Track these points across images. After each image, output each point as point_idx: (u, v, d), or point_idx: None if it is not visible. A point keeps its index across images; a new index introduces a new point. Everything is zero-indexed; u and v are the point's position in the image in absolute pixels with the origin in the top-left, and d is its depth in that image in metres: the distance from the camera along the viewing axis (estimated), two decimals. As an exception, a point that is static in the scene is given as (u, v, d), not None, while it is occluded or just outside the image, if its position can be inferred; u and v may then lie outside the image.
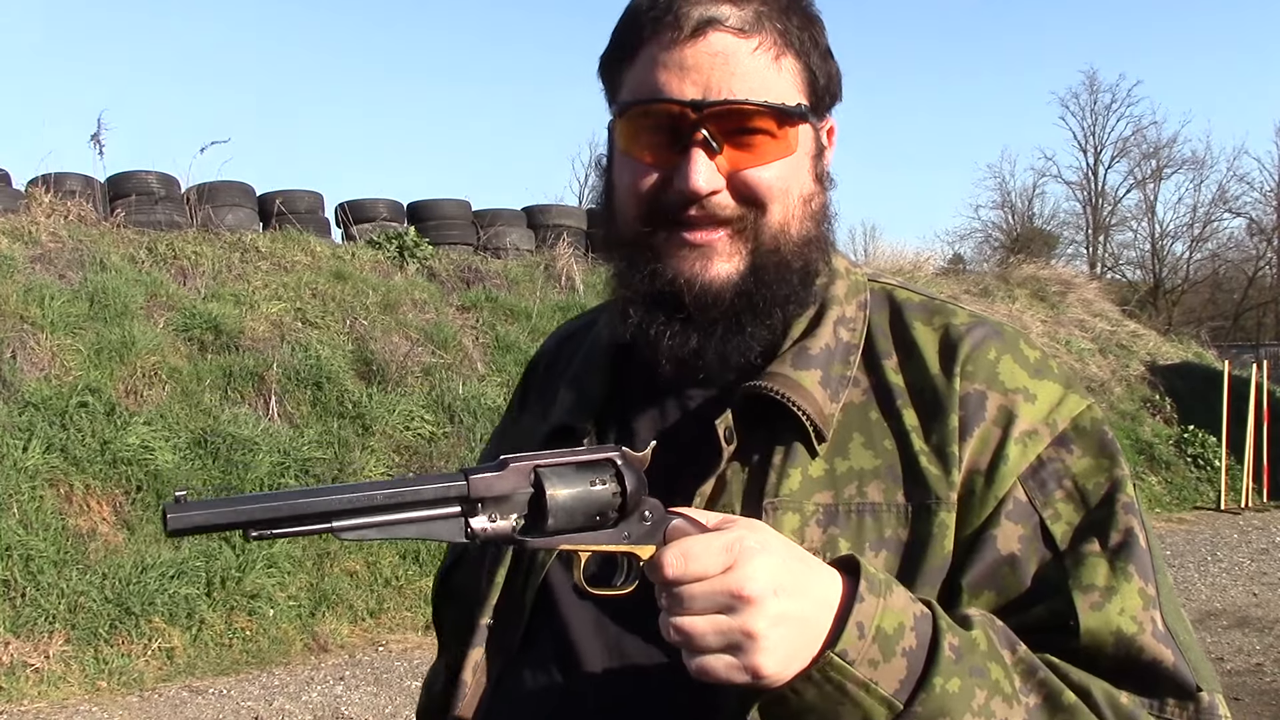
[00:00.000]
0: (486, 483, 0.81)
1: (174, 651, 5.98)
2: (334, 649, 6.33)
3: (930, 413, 0.96)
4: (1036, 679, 0.84)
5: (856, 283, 1.05)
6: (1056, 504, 0.93)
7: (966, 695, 0.80)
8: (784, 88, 0.95)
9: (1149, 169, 34.12)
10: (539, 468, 0.82)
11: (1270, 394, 12.34)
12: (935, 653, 0.80)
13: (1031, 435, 0.94)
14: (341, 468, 7.28)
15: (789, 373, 0.97)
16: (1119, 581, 0.89)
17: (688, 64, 0.93)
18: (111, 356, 7.24)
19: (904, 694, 0.79)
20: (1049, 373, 0.98)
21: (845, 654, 0.78)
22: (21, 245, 7.95)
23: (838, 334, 1.00)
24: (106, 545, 6.29)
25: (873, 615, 0.79)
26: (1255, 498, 11.61)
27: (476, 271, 10.14)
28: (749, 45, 0.94)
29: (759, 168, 0.95)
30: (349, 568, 6.88)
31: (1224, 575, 8.43)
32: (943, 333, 1.00)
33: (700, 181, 0.93)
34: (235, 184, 10.00)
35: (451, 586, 1.18)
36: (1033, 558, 0.91)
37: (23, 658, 5.63)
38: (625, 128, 0.98)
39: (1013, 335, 1.00)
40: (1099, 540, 0.91)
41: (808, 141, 0.98)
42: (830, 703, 0.79)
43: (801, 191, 0.98)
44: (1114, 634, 0.87)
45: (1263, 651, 6.38)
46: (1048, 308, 14.00)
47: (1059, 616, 0.88)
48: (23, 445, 6.43)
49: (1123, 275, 34.01)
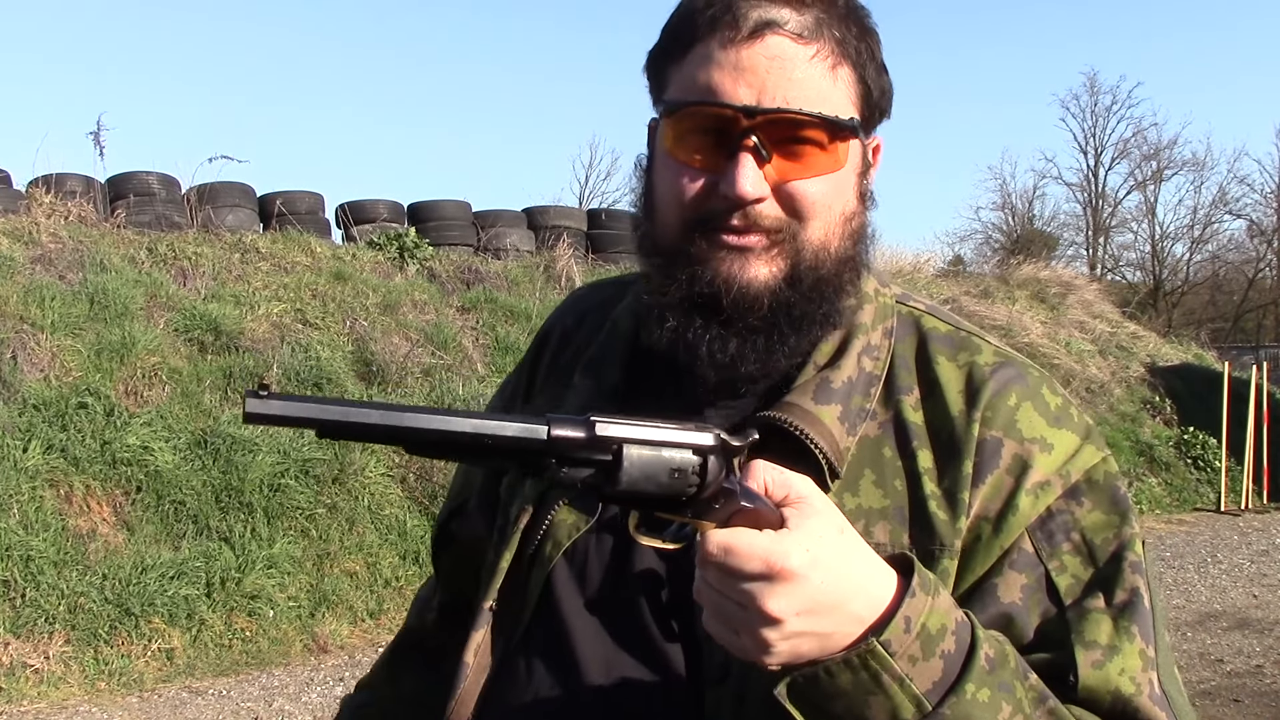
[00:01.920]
0: (569, 443, 0.80)
1: (174, 652, 5.98)
2: (334, 650, 6.33)
3: (945, 456, 0.94)
4: (1046, 707, 0.84)
5: (884, 306, 1.02)
6: (1063, 556, 0.92)
7: (994, 708, 0.80)
8: (838, 99, 0.93)
9: (1149, 171, 34.15)
10: (625, 441, 0.81)
11: (1270, 396, 12.35)
12: (971, 660, 0.80)
13: (1044, 486, 0.93)
14: (342, 469, 7.28)
15: (810, 406, 0.94)
16: (1121, 641, 0.88)
17: (743, 65, 0.90)
18: (111, 357, 7.24)
19: (935, 695, 0.79)
20: (1068, 422, 0.96)
21: (888, 644, 0.78)
22: (22, 246, 7.96)
23: (861, 365, 0.98)
24: (106, 546, 6.29)
25: (920, 612, 0.79)
26: (1255, 499, 11.61)
27: (477, 272, 10.15)
28: (807, 52, 0.91)
29: (805, 180, 0.92)
30: (349, 568, 6.88)
31: (1224, 577, 8.43)
32: (967, 372, 0.97)
33: (748, 187, 0.90)
34: (235, 185, 10.01)
35: (450, 533, 1.19)
36: (1035, 609, 0.90)
37: (22, 658, 5.63)
38: (672, 128, 0.95)
39: (1036, 380, 0.98)
40: (1104, 597, 0.90)
41: (855, 157, 0.96)
42: (862, 691, 0.78)
43: (844, 209, 0.96)
44: (1111, 693, 0.87)
45: (1263, 653, 6.38)
46: (1048, 309, 14.00)
47: (1058, 669, 0.87)
48: (23, 446, 6.43)
49: (1123, 277, 34.05)
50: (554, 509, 1.02)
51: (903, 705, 0.78)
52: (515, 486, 1.08)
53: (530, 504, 1.03)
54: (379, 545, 7.08)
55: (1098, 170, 34.55)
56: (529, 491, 1.04)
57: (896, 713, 0.78)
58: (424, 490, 7.50)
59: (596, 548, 1.01)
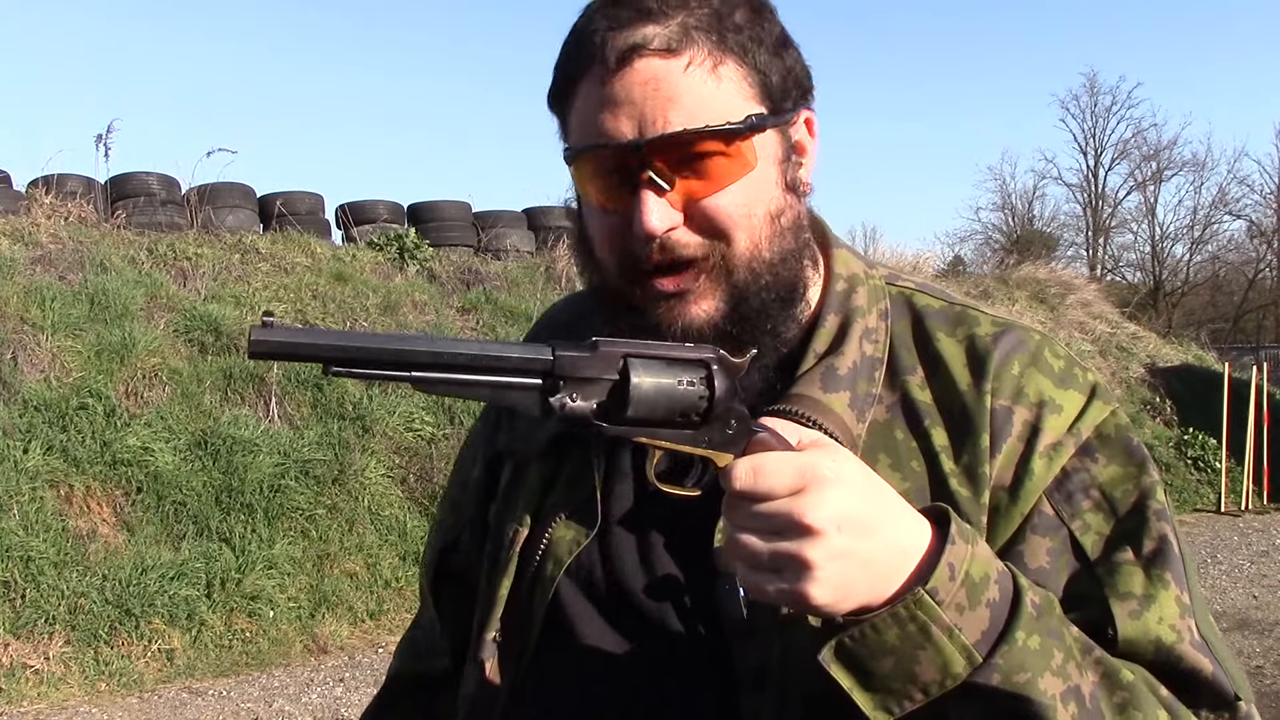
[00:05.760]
0: (573, 361, 0.79)
1: (174, 653, 5.98)
2: (334, 650, 6.33)
3: (960, 432, 0.93)
4: (1094, 656, 0.82)
5: (875, 288, 1.01)
6: (1085, 515, 0.90)
7: (1046, 654, 0.77)
8: (726, 100, 0.89)
9: (1149, 171, 34.16)
10: (629, 355, 0.80)
11: (1270, 396, 12.33)
12: (1018, 607, 0.78)
13: (1056, 448, 0.91)
14: (342, 469, 7.28)
15: (819, 396, 0.93)
16: (1156, 589, 0.86)
17: (620, 99, 0.88)
18: (112, 358, 7.24)
19: (985, 645, 0.76)
20: (1073, 381, 0.95)
21: (935, 593, 0.75)
22: (22, 247, 7.96)
23: (863, 349, 0.96)
24: (106, 547, 6.28)
25: (964, 559, 0.77)
26: (1255, 500, 11.59)
27: (477, 273, 10.14)
28: (679, 64, 0.88)
29: (716, 195, 0.89)
30: (349, 569, 6.88)
31: (1224, 577, 8.42)
32: (969, 345, 0.96)
33: (653, 221, 0.88)
34: (236, 185, 10.01)
35: (449, 568, 1.15)
36: (1063, 570, 0.88)
37: (22, 659, 5.63)
38: (577, 174, 0.94)
39: (1038, 344, 0.97)
40: (1132, 549, 0.88)
41: (770, 149, 0.92)
42: (910, 645, 0.75)
43: (768, 209, 0.92)
44: (1153, 643, 0.85)
45: (1263, 654, 6.38)
46: (1047, 310, 14.00)
47: (1095, 625, 0.85)
48: (23, 447, 6.43)
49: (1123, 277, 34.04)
50: (551, 525, 0.99)
51: (953, 658, 0.76)
52: (504, 513, 1.05)
53: (524, 524, 1.01)
54: (379, 546, 7.08)
55: (1097, 171, 34.60)
56: (522, 511, 1.02)
57: (947, 667, 0.76)
58: (424, 491, 7.50)
59: (601, 560, 0.97)
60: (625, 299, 0.94)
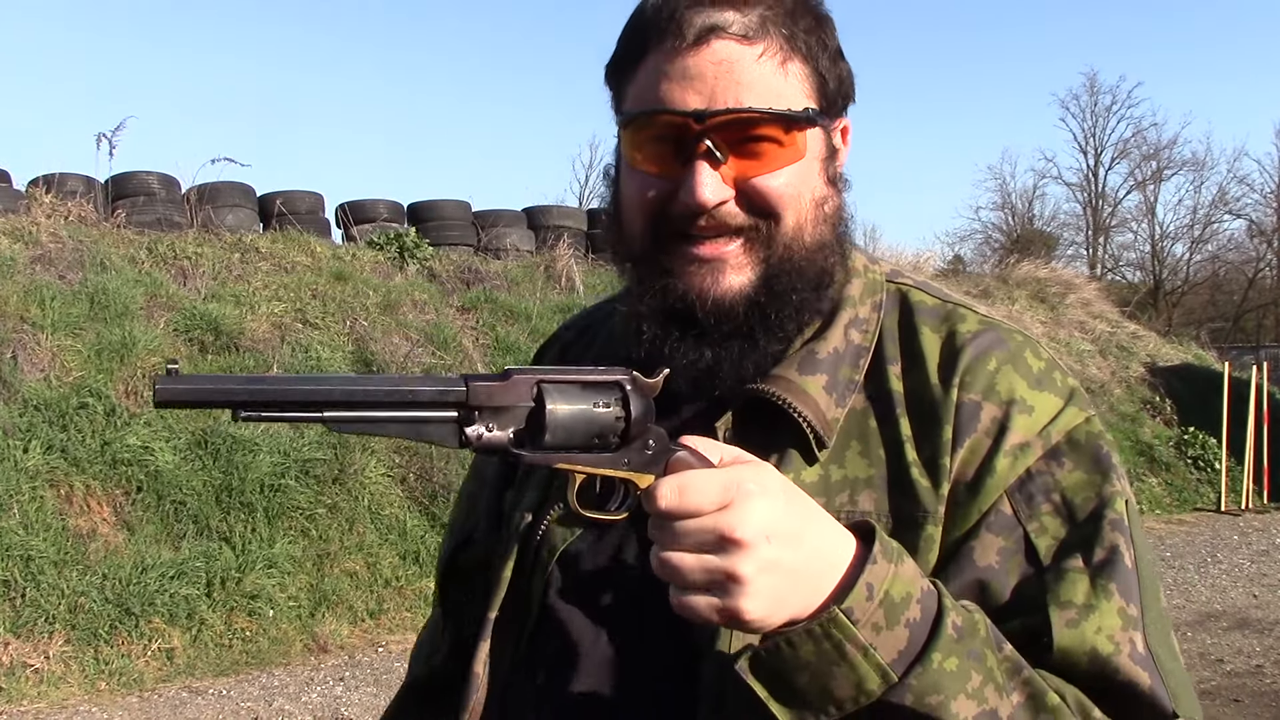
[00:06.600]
0: (487, 391, 0.79)
1: (174, 652, 5.98)
2: (334, 650, 6.33)
3: (925, 423, 0.94)
4: (1021, 677, 0.82)
5: (873, 282, 1.03)
6: (1043, 518, 0.90)
7: (962, 676, 0.78)
8: (791, 93, 0.93)
9: (1149, 170, 34.12)
10: (542, 382, 0.80)
11: (1270, 396, 12.34)
12: (938, 628, 0.78)
13: (1023, 448, 0.92)
14: (342, 468, 7.28)
15: (794, 377, 0.95)
16: (1099, 599, 0.86)
17: (691, 73, 0.92)
18: (112, 357, 7.24)
19: (901, 665, 0.77)
20: (1050, 384, 0.96)
21: (851, 612, 0.76)
22: (22, 246, 7.95)
23: (849, 336, 0.99)
24: (106, 546, 6.29)
25: (883, 579, 0.77)
26: (1255, 499, 11.60)
27: (477, 272, 10.14)
28: (753, 52, 0.92)
29: (767, 175, 0.93)
30: (349, 568, 6.89)
31: (1224, 577, 8.43)
32: (948, 340, 0.97)
33: (706, 194, 0.91)
34: (236, 185, 10.01)
35: (459, 566, 1.16)
36: (1013, 571, 0.89)
37: (23, 658, 5.63)
38: (629, 138, 0.97)
39: (1020, 344, 0.98)
40: (1082, 556, 0.88)
41: (818, 145, 0.97)
42: (825, 662, 0.77)
43: (814, 195, 0.96)
44: (1088, 653, 0.85)
45: (1263, 653, 6.38)
46: (1048, 309, 14.00)
47: (1033, 632, 0.86)
48: (23, 446, 6.43)
49: (1123, 277, 34.03)
50: (548, 514, 1.02)
51: (868, 676, 0.77)
52: (516, 499, 1.08)
53: (530, 511, 1.04)
54: (379, 545, 7.08)
55: (1097, 170, 34.57)
56: (530, 498, 1.05)
57: (862, 684, 0.77)
58: (424, 490, 7.50)
59: (591, 553, 1.00)
60: (654, 263, 0.96)
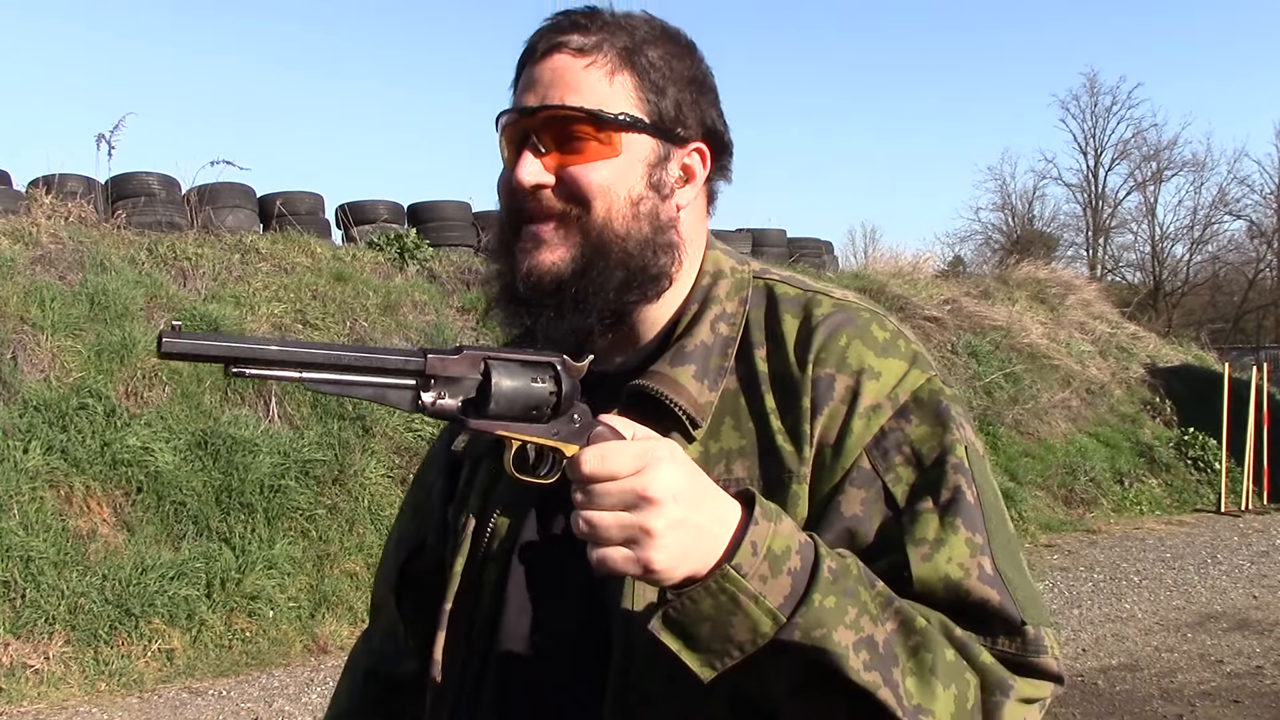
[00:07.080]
0: (442, 363, 0.91)
1: (174, 653, 5.98)
2: (334, 650, 6.33)
3: (787, 396, 1.06)
4: (893, 608, 0.94)
5: (740, 280, 1.15)
6: (897, 469, 1.03)
7: (840, 611, 0.90)
8: (614, 100, 1.07)
9: (1149, 171, 34.14)
10: (489, 358, 0.93)
11: (1270, 397, 12.34)
12: (816, 574, 0.90)
13: (875, 410, 1.04)
14: (342, 469, 7.28)
15: (666, 370, 1.08)
16: (947, 534, 0.99)
17: (533, 79, 1.08)
18: (112, 358, 7.25)
19: (788, 608, 0.89)
20: (894, 351, 1.08)
21: (740, 568, 0.88)
22: (22, 246, 7.95)
23: (716, 329, 1.11)
24: (106, 546, 6.29)
25: (765, 537, 0.90)
26: (1255, 500, 11.60)
27: (477, 273, 10.13)
28: (583, 62, 1.07)
29: (583, 167, 1.06)
30: (349, 569, 6.89)
31: (1224, 578, 8.43)
32: (805, 323, 1.10)
33: (523, 175, 1.06)
34: (236, 185, 10.00)
35: (417, 571, 1.26)
36: (875, 517, 1.01)
37: (22, 659, 5.64)
38: (499, 140, 1.12)
39: (866, 319, 1.10)
40: (931, 498, 1.01)
41: (642, 150, 1.08)
42: (723, 613, 0.89)
43: (630, 193, 1.07)
44: (942, 580, 0.97)
45: (1263, 654, 6.38)
46: (1048, 310, 14.01)
47: (896, 569, 0.98)
48: (23, 447, 6.44)
49: (1123, 277, 34.05)
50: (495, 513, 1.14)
51: (761, 620, 0.89)
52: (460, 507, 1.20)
53: (475, 513, 1.16)
54: (379, 546, 7.07)
55: (1097, 171, 34.59)
56: (474, 502, 1.17)
57: (757, 627, 0.89)
58: (424, 491, 7.50)
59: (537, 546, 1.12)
60: (506, 248, 1.10)
